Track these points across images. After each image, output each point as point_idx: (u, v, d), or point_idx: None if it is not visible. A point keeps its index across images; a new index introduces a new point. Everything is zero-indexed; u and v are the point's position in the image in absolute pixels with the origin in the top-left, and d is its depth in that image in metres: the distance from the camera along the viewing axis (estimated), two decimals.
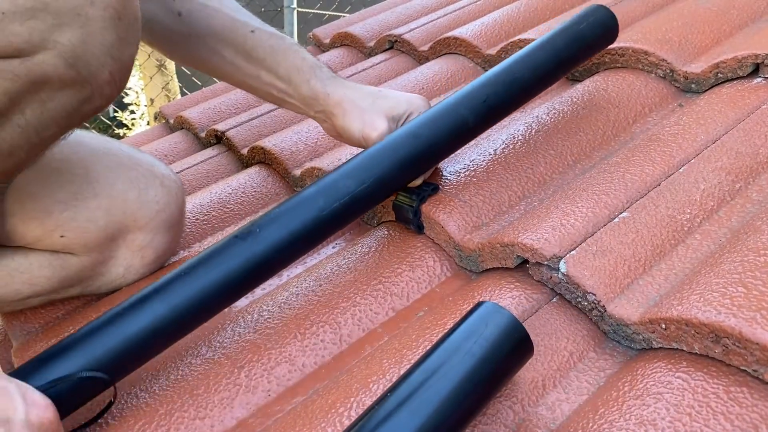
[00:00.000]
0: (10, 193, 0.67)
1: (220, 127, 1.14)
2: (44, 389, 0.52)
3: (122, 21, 0.53)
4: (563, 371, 0.54)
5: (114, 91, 0.57)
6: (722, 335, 0.47)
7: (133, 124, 3.94)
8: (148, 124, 3.86)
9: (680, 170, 0.68)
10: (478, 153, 0.78)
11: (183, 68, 3.65)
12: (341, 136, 0.77)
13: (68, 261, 0.72)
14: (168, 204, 0.76)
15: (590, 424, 0.48)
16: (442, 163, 0.78)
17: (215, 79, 0.86)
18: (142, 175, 0.76)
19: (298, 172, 0.94)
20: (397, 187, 0.70)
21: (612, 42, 0.83)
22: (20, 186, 0.67)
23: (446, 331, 0.52)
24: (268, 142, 1.00)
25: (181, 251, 0.86)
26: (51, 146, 0.59)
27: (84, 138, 0.76)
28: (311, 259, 0.78)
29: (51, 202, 0.69)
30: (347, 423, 0.52)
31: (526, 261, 0.63)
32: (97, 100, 0.56)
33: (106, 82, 0.54)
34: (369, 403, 0.53)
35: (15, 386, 0.49)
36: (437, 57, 1.19)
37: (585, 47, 0.78)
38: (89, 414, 0.58)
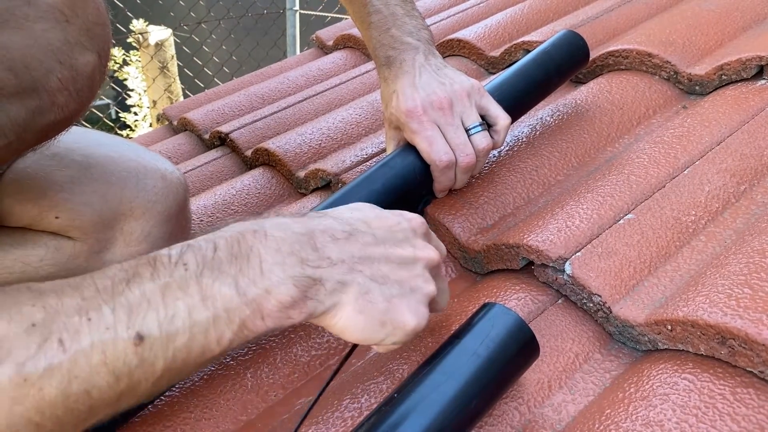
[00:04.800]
0: (6, 174, 0.67)
1: (223, 128, 1.14)
2: None
3: (72, 23, 0.49)
4: (569, 372, 0.54)
5: (71, 102, 0.51)
6: (728, 337, 0.47)
7: (135, 126, 3.95)
8: (150, 125, 3.87)
9: (685, 172, 0.68)
10: None
11: (185, 70, 3.66)
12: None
13: (62, 243, 0.72)
14: (166, 196, 0.76)
15: (596, 425, 0.48)
16: None
17: None
18: (143, 166, 0.76)
19: (302, 173, 0.94)
20: None
21: (586, 63, 0.84)
22: (17, 168, 0.68)
23: (452, 332, 0.52)
24: (271, 144, 1.00)
25: None
26: (6, 162, 0.54)
27: (88, 131, 0.77)
28: None
29: (47, 184, 0.69)
30: (353, 424, 0.52)
31: (531, 263, 0.63)
32: (53, 112, 0.50)
33: (57, 91, 0.49)
34: (375, 404, 0.53)
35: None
36: None
37: (557, 72, 0.80)
38: None
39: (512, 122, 0.73)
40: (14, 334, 0.36)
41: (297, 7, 3.34)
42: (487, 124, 0.71)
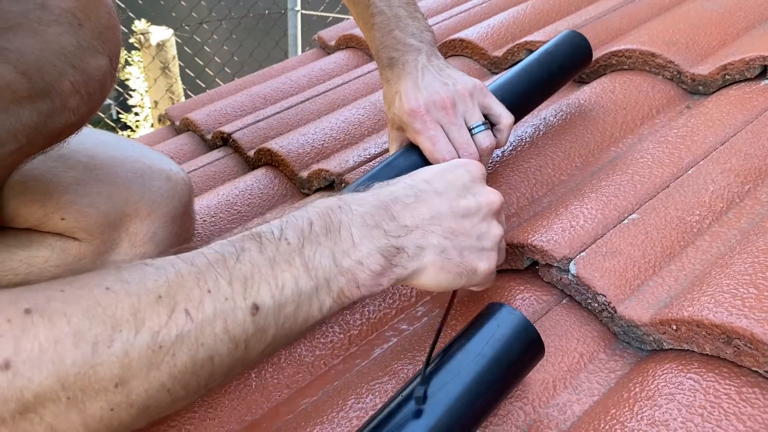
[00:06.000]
0: (12, 176, 0.67)
1: (226, 129, 1.14)
2: None
3: (84, 27, 0.50)
4: (574, 372, 0.54)
5: (82, 106, 0.52)
6: (734, 336, 0.47)
7: (137, 126, 3.95)
8: (152, 126, 3.87)
9: (689, 172, 0.68)
10: None
11: (187, 71, 3.66)
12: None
13: (68, 244, 0.72)
14: (171, 197, 0.76)
15: (601, 425, 0.48)
16: None
17: None
18: (148, 167, 0.76)
19: (305, 173, 0.94)
20: None
21: (589, 63, 0.84)
22: (23, 169, 0.67)
23: (458, 332, 0.52)
24: (274, 144, 1.00)
25: None
26: (18, 165, 0.54)
27: (94, 132, 0.77)
28: None
29: (53, 186, 0.69)
30: (358, 424, 0.52)
31: (535, 263, 0.63)
32: (65, 115, 0.51)
33: (69, 94, 0.50)
34: (380, 403, 0.53)
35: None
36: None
37: (560, 72, 0.80)
38: None
39: (515, 122, 0.73)
40: (145, 306, 0.39)
41: (299, 8, 3.34)
42: (490, 123, 0.71)
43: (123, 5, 3.29)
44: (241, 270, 0.43)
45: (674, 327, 0.51)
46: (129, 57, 3.97)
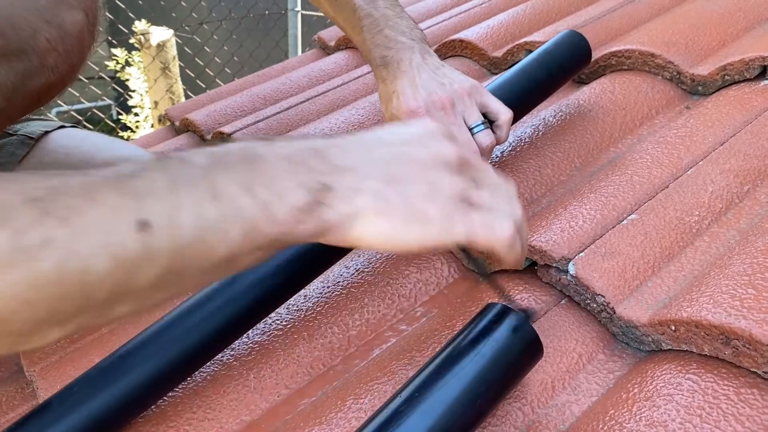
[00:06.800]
0: None
1: (226, 129, 1.14)
2: None
3: None
4: (572, 373, 0.54)
5: (61, 63, 0.50)
6: (732, 337, 0.47)
7: (137, 127, 3.95)
8: (152, 126, 3.87)
9: (688, 172, 0.68)
10: None
11: (187, 71, 3.66)
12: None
13: None
14: None
15: (600, 426, 0.48)
16: None
17: None
18: None
19: None
20: None
21: (588, 63, 0.84)
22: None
23: (456, 332, 0.52)
24: None
25: None
26: (0, 129, 0.53)
27: (90, 135, 0.77)
28: None
29: None
30: (357, 424, 0.52)
31: (534, 263, 0.63)
32: (44, 74, 0.50)
33: (45, 51, 0.48)
34: (379, 404, 0.53)
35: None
36: (443, 59, 1.19)
37: (559, 71, 0.80)
38: None
39: (514, 122, 0.73)
40: (13, 205, 0.34)
41: (299, 8, 3.35)
42: (489, 121, 0.71)
43: (123, 5, 3.29)
44: (134, 185, 0.37)
45: (673, 327, 0.51)
46: (129, 57, 3.97)
